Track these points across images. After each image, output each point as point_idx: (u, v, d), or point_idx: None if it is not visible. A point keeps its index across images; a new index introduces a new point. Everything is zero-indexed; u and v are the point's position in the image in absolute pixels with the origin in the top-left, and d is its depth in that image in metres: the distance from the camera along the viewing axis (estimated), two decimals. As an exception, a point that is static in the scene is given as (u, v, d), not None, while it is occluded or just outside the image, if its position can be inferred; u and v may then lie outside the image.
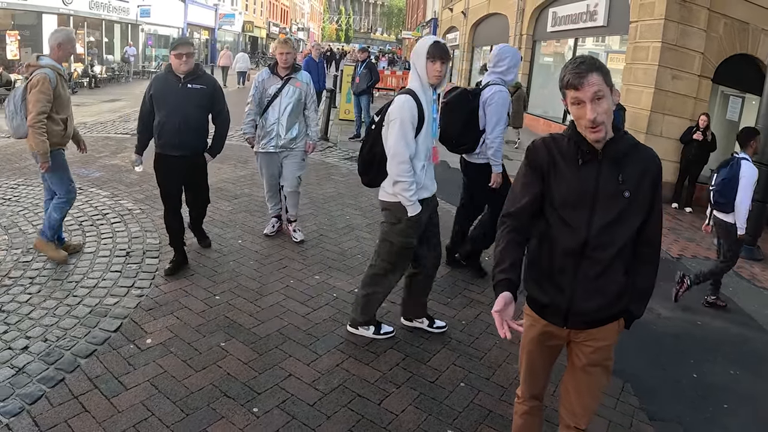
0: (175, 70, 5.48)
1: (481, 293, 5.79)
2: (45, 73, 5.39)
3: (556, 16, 18.85)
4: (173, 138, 5.45)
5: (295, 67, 6.46)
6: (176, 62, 5.42)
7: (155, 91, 5.51)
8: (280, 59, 6.34)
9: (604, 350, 2.70)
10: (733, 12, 11.91)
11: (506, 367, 4.49)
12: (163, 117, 5.46)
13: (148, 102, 5.56)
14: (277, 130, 6.37)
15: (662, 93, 11.88)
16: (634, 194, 2.46)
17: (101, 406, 3.59)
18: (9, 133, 6.01)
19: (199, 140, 5.71)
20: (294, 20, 78.57)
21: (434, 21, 42.43)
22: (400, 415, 3.78)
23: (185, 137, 5.50)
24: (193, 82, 5.51)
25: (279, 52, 6.37)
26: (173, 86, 5.46)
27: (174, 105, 5.43)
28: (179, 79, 5.46)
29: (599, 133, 2.39)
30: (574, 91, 2.37)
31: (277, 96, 6.35)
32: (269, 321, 4.84)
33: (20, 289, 5.08)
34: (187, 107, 5.45)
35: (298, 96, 6.40)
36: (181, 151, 5.53)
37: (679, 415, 4.19)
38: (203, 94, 5.58)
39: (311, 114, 6.62)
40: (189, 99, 5.47)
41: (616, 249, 2.51)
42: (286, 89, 6.35)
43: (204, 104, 5.62)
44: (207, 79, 5.71)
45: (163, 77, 5.59)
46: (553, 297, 2.64)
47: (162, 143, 5.51)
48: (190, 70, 5.48)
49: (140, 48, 32.65)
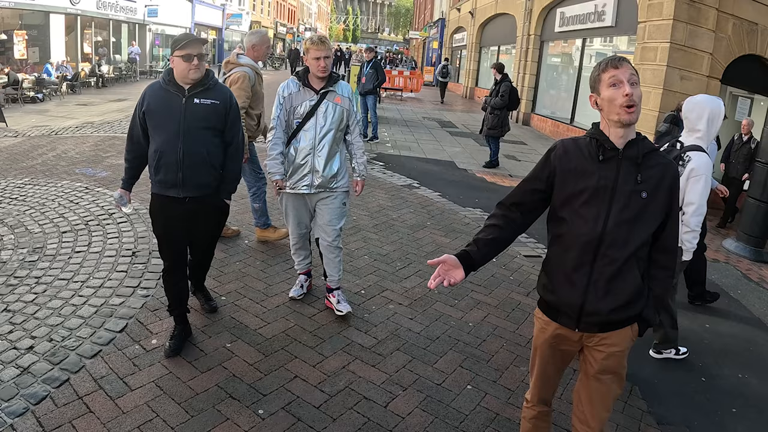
0: (179, 78, 4.06)
1: (488, 295, 5.76)
2: (245, 71, 5.95)
3: (563, 17, 18.81)
4: (173, 173, 4.07)
5: (333, 76, 4.83)
6: (183, 67, 3.99)
7: (150, 108, 4.09)
8: (315, 66, 4.64)
9: (616, 357, 2.68)
10: (741, 12, 11.86)
11: (513, 369, 4.46)
12: (160, 144, 4.06)
13: (139, 121, 4.15)
14: (312, 163, 4.75)
15: (670, 94, 11.83)
16: (651, 196, 2.49)
17: (106, 406, 3.58)
18: None
19: (209, 176, 4.22)
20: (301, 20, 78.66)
21: (442, 21, 42.44)
22: (406, 418, 3.76)
23: (190, 172, 4.10)
24: (201, 96, 4.09)
25: (313, 55, 4.63)
26: (174, 101, 4.05)
27: (175, 128, 4.03)
28: (182, 91, 4.06)
29: (632, 114, 2.45)
30: (613, 70, 2.47)
31: (311, 116, 4.73)
32: (275, 322, 4.83)
33: (26, 289, 5.08)
34: (193, 131, 4.07)
35: (340, 116, 4.78)
36: (186, 191, 4.14)
37: (687, 419, 4.16)
38: (215, 111, 4.16)
39: (356, 140, 5.02)
40: (195, 119, 4.08)
41: (631, 249, 2.52)
42: (323, 107, 4.73)
43: (216, 125, 4.19)
44: (219, 92, 4.23)
45: (160, 89, 4.12)
46: (567, 296, 2.63)
47: (159, 180, 4.14)
48: (200, 78, 4.09)
49: (147, 48, 32.72)
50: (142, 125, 4.16)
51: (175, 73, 4.09)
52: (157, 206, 4.29)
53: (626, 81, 2.43)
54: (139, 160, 4.34)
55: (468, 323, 5.14)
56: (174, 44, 4.04)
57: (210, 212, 4.41)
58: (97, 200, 7.73)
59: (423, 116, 21.00)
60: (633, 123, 2.48)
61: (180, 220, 4.26)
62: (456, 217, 8.46)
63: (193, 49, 4.00)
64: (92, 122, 14.70)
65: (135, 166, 4.40)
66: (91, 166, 9.66)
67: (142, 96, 4.16)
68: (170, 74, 4.13)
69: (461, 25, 35.90)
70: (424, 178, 10.60)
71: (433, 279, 2.53)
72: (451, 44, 39.69)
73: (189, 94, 4.08)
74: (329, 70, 4.73)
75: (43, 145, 11.49)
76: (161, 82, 4.16)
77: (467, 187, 10.40)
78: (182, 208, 4.20)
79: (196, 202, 4.22)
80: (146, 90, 4.21)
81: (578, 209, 2.55)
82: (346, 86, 4.91)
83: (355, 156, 5.06)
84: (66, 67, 22.29)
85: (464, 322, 5.14)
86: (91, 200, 7.70)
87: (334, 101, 4.77)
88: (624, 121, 2.47)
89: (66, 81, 21.13)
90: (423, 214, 8.33)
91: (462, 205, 9.14)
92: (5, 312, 4.64)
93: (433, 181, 10.55)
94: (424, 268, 6.30)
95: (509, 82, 12.46)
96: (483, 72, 31.17)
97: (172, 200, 4.18)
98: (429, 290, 5.68)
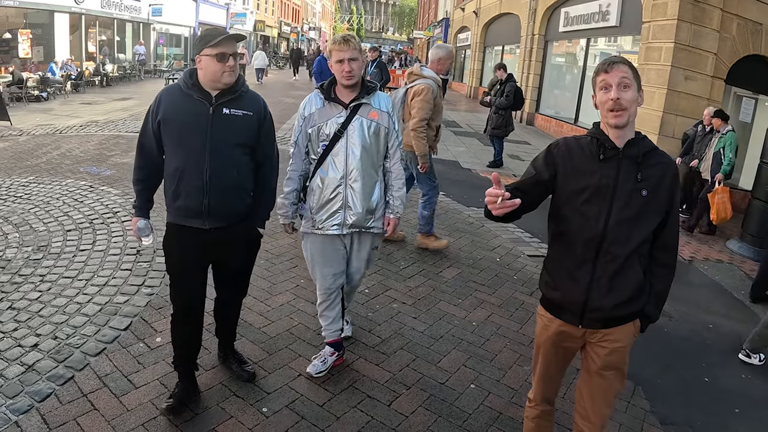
0: (207, 81, 3.32)
1: (492, 295, 5.77)
2: (429, 83, 6.12)
3: (568, 16, 18.77)
4: (197, 199, 3.36)
5: (366, 84, 3.85)
6: (215, 69, 3.26)
7: (167, 117, 3.34)
8: (339, 71, 3.69)
9: (619, 352, 2.70)
10: (746, 12, 11.83)
11: (517, 369, 4.47)
12: (181, 162, 3.35)
13: (154, 132, 3.40)
14: (344, 196, 3.79)
15: (675, 94, 11.81)
16: (652, 195, 2.52)
17: (110, 404, 3.59)
18: None
19: (240, 202, 3.54)
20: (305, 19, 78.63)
21: (446, 21, 42.38)
22: (409, 417, 3.77)
23: (218, 198, 3.39)
24: (231, 106, 3.37)
25: (336, 58, 3.67)
26: (199, 111, 3.32)
27: (200, 143, 3.31)
28: (209, 98, 3.33)
29: (620, 118, 2.48)
30: (603, 74, 2.51)
31: (339, 137, 3.75)
32: (279, 321, 4.83)
33: (30, 287, 5.09)
34: (222, 148, 3.36)
35: (376, 135, 3.81)
36: (212, 222, 3.43)
37: (690, 419, 4.16)
38: (247, 125, 3.44)
39: (395, 167, 4.00)
40: (225, 134, 3.36)
41: (633, 246, 2.55)
42: (355, 124, 3.75)
43: (247, 142, 3.48)
44: (252, 101, 3.51)
45: (181, 94, 3.37)
46: (571, 293, 2.66)
47: (179, 207, 3.43)
48: (231, 84, 3.37)
49: (152, 47, 32.75)
50: (156, 136, 3.40)
51: (201, 76, 3.33)
52: (174, 238, 3.55)
53: (615, 85, 2.46)
54: (154, 179, 3.58)
55: (472, 322, 5.14)
56: (203, 40, 3.28)
57: (240, 245, 3.66)
58: (102, 199, 7.74)
59: (427, 116, 20.92)
60: (621, 126, 2.51)
61: (202, 255, 3.57)
62: (460, 216, 8.46)
63: (228, 47, 3.26)
64: (96, 121, 14.72)
65: (149, 186, 3.62)
66: (95, 165, 9.69)
67: (157, 101, 3.40)
68: (193, 76, 3.38)
69: (465, 25, 35.88)
70: (428, 178, 10.57)
71: (500, 208, 2.37)
72: (456, 44, 39.65)
73: (217, 103, 3.34)
74: (358, 77, 3.73)
75: (48, 143, 11.52)
76: (182, 86, 3.37)
77: (471, 187, 10.40)
78: (205, 241, 3.48)
79: (223, 232, 3.49)
80: (162, 94, 3.44)
81: (579, 207, 2.58)
82: (384, 98, 3.90)
83: (392, 187, 4.02)
84: (70, 66, 22.32)
85: (468, 322, 5.14)
86: (96, 199, 7.71)
87: (368, 116, 3.77)
88: (611, 124, 2.52)
89: (70, 80, 21.16)
90: (427, 214, 8.30)
91: (466, 204, 9.14)
92: (10, 310, 4.66)
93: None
94: (428, 267, 6.30)
95: (514, 82, 12.45)
96: (487, 72, 31.07)
97: (194, 231, 3.45)
98: (433, 290, 5.70)
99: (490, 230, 7.86)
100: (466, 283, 6.01)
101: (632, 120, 2.54)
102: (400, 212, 4.07)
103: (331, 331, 4.15)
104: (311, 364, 4.15)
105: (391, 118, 3.88)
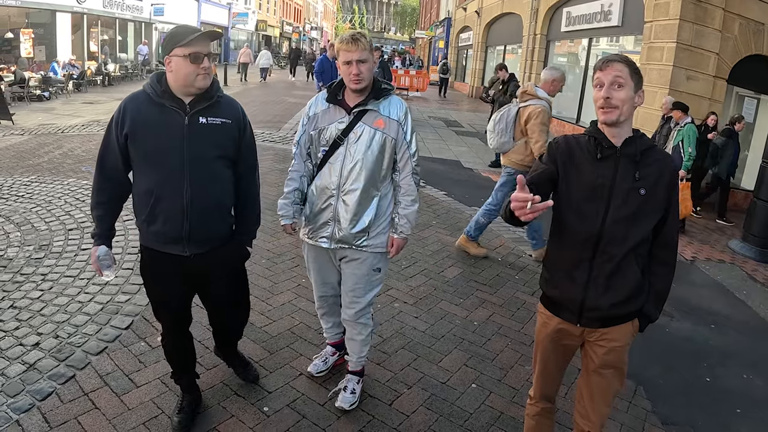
0: (178, 86, 2.94)
1: (494, 294, 5.76)
2: (543, 105, 6.24)
3: (570, 16, 18.76)
4: (177, 224, 3.01)
5: (381, 88, 3.47)
6: (188, 71, 2.87)
7: (135, 130, 2.93)
8: (347, 74, 3.35)
9: (617, 351, 2.70)
10: (748, 12, 11.82)
11: (518, 368, 4.46)
12: (155, 183, 2.98)
13: (119, 147, 2.98)
14: (336, 208, 3.49)
15: (677, 94, 11.78)
16: (650, 193, 2.52)
17: (111, 403, 3.59)
18: (492, 144, 6.75)
19: (223, 223, 3.23)
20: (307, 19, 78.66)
21: (448, 20, 42.38)
22: (410, 416, 3.76)
23: (200, 221, 3.05)
24: (207, 113, 3.00)
25: (343, 58, 3.32)
26: (173, 122, 2.94)
27: (177, 159, 2.95)
28: (183, 106, 2.96)
29: (609, 115, 2.49)
30: (599, 72, 2.52)
31: (339, 144, 3.44)
32: (280, 320, 4.83)
33: (32, 286, 5.09)
34: (201, 163, 3.00)
35: (380, 146, 3.41)
36: (193, 248, 3.10)
37: (692, 419, 4.15)
38: (226, 134, 3.09)
39: (405, 182, 3.55)
40: (204, 146, 3.00)
41: (631, 246, 2.55)
42: (356, 132, 3.42)
43: (228, 153, 3.13)
44: (229, 107, 3.15)
45: (150, 103, 2.97)
46: (568, 291, 2.67)
47: (154, 232, 3.07)
48: (206, 89, 2.99)
49: (154, 47, 32.78)
50: (122, 152, 2.99)
51: (171, 80, 2.94)
52: (151, 266, 3.24)
53: (607, 84, 2.47)
54: (117, 202, 3.17)
55: (473, 322, 5.14)
56: (173, 38, 2.88)
57: (225, 267, 3.36)
58: (103, 198, 7.72)
59: (429, 115, 20.98)
60: (610, 123, 2.52)
61: (183, 282, 3.26)
62: (462, 216, 8.46)
63: (202, 46, 2.88)
64: (98, 120, 14.71)
65: (112, 210, 3.16)
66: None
67: (121, 111, 2.96)
68: (162, 82, 2.99)
69: (467, 25, 35.85)
70: (430, 177, 10.58)
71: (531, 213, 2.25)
72: (457, 44, 39.63)
73: (192, 111, 2.96)
74: (367, 80, 3.36)
75: (50, 143, 11.53)
76: (150, 93, 2.96)
77: (473, 187, 10.39)
78: (186, 268, 3.17)
79: (203, 258, 3.16)
80: (125, 104, 2.99)
81: (577, 206, 2.59)
82: (396, 104, 3.49)
83: (399, 204, 3.59)
84: (72, 66, 22.34)
85: (469, 321, 5.14)
86: (97, 198, 7.70)
87: (373, 125, 3.40)
88: (600, 121, 2.55)
89: (72, 79, 21.16)
90: (428, 213, 8.33)
91: (468, 204, 9.14)
92: (12, 309, 4.66)
93: (439, 180, 10.54)
94: (430, 266, 6.30)
95: (516, 82, 12.49)
96: (489, 71, 31.06)
97: (172, 258, 3.12)
98: (434, 289, 5.69)
99: (491, 230, 7.83)
100: (467, 282, 6.01)
101: (628, 119, 2.53)
102: (406, 232, 3.60)
103: (332, 334, 4.11)
104: (312, 364, 4.12)
105: (402, 127, 3.45)
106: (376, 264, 3.64)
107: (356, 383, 3.87)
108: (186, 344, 3.53)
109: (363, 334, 3.77)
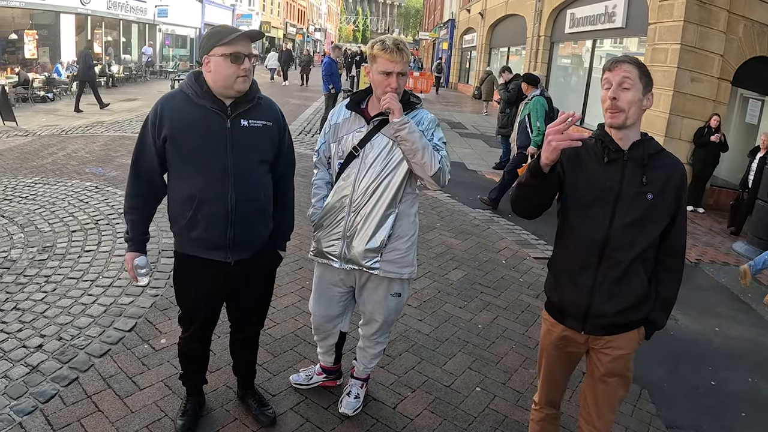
0: (219, 88, 2.84)
1: (498, 297, 5.75)
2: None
3: (574, 18, 18.75)
4: (220, 230, 2.93)
5: (409, 101, 3.25)
6: (228, 72, 2.77)
7: (175, 133, 2.84)
8: (383, 84, 3.09)
9: (622, 360, 2.67)
10: (752, 14, 11.79)
11: (522, 372, 4.45)
12: (198, 188, 2.88)
13: (156, 150, 2.88)
14: (346, 223, 3.28)
15: (681, 95, 11.77)
16: (658, 198, 2.48)
17: (114, 405, 3.58)
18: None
19: (265, 229, 3.15)
20: (311, 21, 78.74)
21: (451, 22, 42.36)
22: (414, 419, 3.75)
23: (245, 227, 2.98)
24: (249, 116, 2.93)
25: (382, 67, 3.06)
26: (215, 124, 2.86)
27: (221, 164, 2.87)
28: (224, 109, 2.87)
29: (614, 118, 2.46)
30: (607, 72, 2.48)
31: (355, 156, 3.23)
32: (284, 323, 4.82)
33: (35, 287, 5.09)
34: (245, 167, 2.93)
35: (399, 158, 3.16)
36: (236, 254, 3.03)
37: (697, 423, 4.14)
38: (268, 137, 3.04)
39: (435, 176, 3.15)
40: (247, 150, 2.94)
41: (637, 252, 2.51)
42: (375, 142, 3.19)
43: (268, 157, 3.07)
44: (269, 108, 3.08)
45: (190, 104, 2.86)
46: (573, 297, 2.62)
47: (195, 238, 2.96)
48: (245, 91, 2.90)
49: (158, 48, 32.83)
50: (159, 155, 2.89)
51: (211, 81, 2.83)
52: (187, 273, 3.12)
53: (615, 84, 2.43)
54: (152, 206, 3.10)
55: (477, 325, 5.12)
56: (214, 37, 2.79)
57: (261, 273, 3.30)
58: (107, 199, 7.74)
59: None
60: (616, 126, 2.48)
61: (220, 291, 3.19)
62: (466, 218, 8.44)
63: (243, 46, 2.79)
64: (102, 122, 14.75)
65: (147, 215, 3.09)
66: (100, 166, 9.70)
67: (157, 112, 2.86)
68: (201, 82, 2.88)
69: (471, 26, 35.85)
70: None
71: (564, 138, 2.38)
72: (461, 45, 39.63)
73: (234, 114, 2.88)
74: (400, 95, 3.14)
75: (53, 144, 11.55)
76: (190, 94, 2.86)
77: (477, 189, 10.37)
78: (225, 274, 3.08)
79: (244, 265, 3.09)
80: (163, 104, 2.89)
81: (583, 210, 2.55)
82: (425, 118, 3.23)
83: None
84: (76, 67, 22.35)
85: (473, 324, 5.13)
86: (101, 199, 7.71)
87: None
88: (607, 124, 2.52)
89: (76, 81, 21.17)
90: (433, 215, 8.32)
91: (472, 206, 9.13)
92: (15, 310, 4.66)
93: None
94: (434, 269, 6.29)
95: (519, 81, 12.49)
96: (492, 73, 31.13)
97: (212, 264, 3.02)
98: (438, 292, 5.68)
99: (495, 232, 7.84)
100: (471, 285, 6.00)
101: (635, 122, 2.49)
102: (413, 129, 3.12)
103: (325, 360, 3.90)
104: (296, 374, 4.02)
105: (426, 137, 3.16)
106: (395, 289, 3.41)
107: (360, 387, 3.81)
108: (205, 348, 3.45)
109: (376, 349, 3.68)
